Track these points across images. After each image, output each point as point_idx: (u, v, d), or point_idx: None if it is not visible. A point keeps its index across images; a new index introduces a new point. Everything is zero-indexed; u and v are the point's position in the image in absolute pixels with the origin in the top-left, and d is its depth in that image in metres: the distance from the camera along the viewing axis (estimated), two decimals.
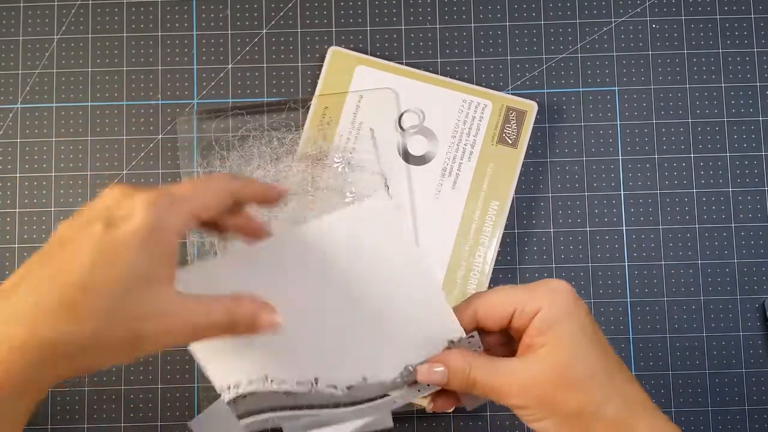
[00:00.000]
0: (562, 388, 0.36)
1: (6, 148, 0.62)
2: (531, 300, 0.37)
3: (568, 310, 0.37)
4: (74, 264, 0.33)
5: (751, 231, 0.61)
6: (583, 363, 0.36)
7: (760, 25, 0.63)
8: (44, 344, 0.32)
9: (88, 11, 0.64)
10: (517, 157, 0.61)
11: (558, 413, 0.36)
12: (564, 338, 0.36)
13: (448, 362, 0.39)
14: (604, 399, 0.36)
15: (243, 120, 0.61)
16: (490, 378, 0.37)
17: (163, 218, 0.34)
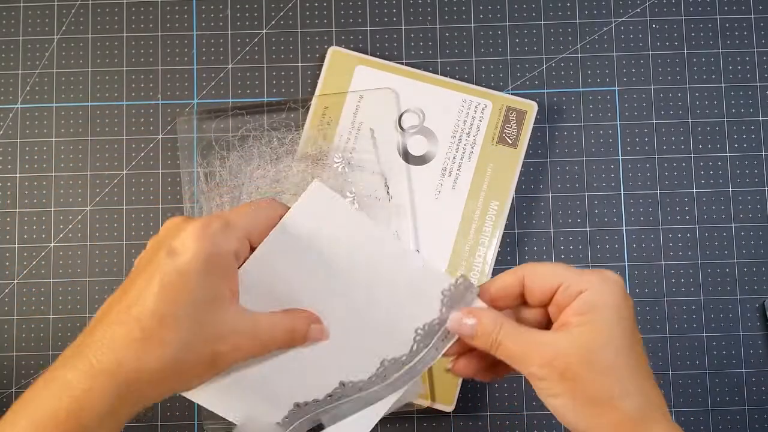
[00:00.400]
0: (587, 368, 0.35)
1: (6, 148, 0.62)
2: (579, 280, 0.37)
3: (613, 300, 0.36)
4: (147, 295, 0.35)
5: (751, 231, 0.61)
6: (613, 351, 0.36)
7: (760, 25, 0.63)
8: (129, 373, 0.34)
9: (88, 11, 0.64)
10: (517, 157, 0.61)
11: (576, 392, 0.36)
12: (601, 323, 0.36)
13: (480, 317, 0.39)
14: (624, 393, 0.36)
15: (243, 120, 0.61)
16: (517, 343, 0.37)
17: (217, 242, 0.36)
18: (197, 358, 0.36)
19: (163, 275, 0.35)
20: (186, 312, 0.35)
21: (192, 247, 0.36)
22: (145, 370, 0.35)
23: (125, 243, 0.61)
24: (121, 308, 0.36)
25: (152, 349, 0.35)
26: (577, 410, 0.36)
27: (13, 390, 0.60)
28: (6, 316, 0.61)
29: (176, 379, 0.36)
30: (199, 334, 0.36)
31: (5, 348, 0.61)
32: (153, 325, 0.35)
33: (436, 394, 0.59)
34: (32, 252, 0.61)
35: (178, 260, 0.36)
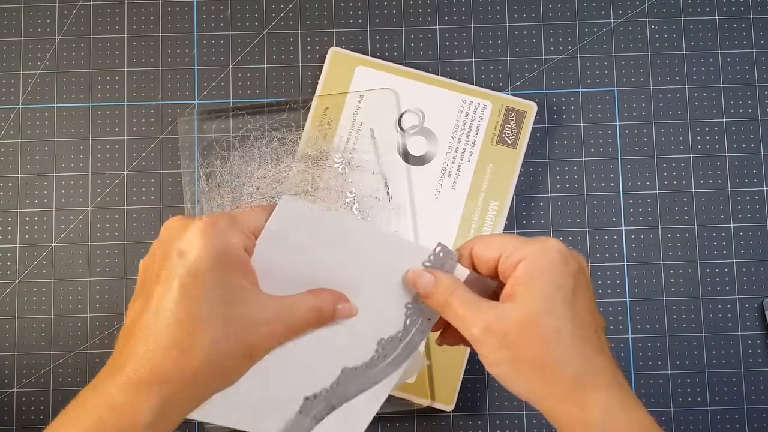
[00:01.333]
0: (525, 334, 0.36)
1: (7, 148, 0.62)
2: (519, 250, 0.38)
3: (550, 267, 0.37)
4: (168, 303, 0.35)
5: (750, 231, 0.62)
6: (551, 318, 0.36)
7: (760, 26, 0.63)
8: (169, 382, 0.35)
9: (89, 12, 0.64)
10: (517, 157, 0.61)
11: (514, 359, 0.36)
12: (538, 291, 0.37)
13: (438, 277, 0.41)
14: (563, 359, 0.36)
15: (243, 120, 0.61)
16: (464, 306, 0.39)
17: (226, 238, 0.37)
18: (232, 354, 0.36)
19: (179, 280, 0.35)
20: (211, 311, 0.35)
21: (199, 245, 0.36)
22: (184, 376, 0.35)
23: (126, 243, 0.61)
24: (149, 319, 0.36)
25: (187, 355, 0.35)
26: (517, 376, 0.37)
27: (15, 390, 0.60)
28: (7, 316, 0.61)
29: (216, 379, 0.37)
30: (229, 330, 0.36)
31: (6, 348, 0.61)
32: (182, 332, 0.35)
33: (436, 393, 0.59)
34: (33, 252, 0.62)
35: (189, 261, 0.35)
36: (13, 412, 0.60)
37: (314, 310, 0.40)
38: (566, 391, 0.36)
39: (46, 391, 0.60)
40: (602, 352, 0.37)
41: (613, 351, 0.38)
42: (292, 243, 0.41)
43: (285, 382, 0.42)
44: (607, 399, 0.36)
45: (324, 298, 0.41)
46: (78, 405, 0.36)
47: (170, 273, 0.36)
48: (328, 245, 0.42)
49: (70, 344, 0.61)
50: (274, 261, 0.41)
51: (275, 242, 0.41)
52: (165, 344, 0.35)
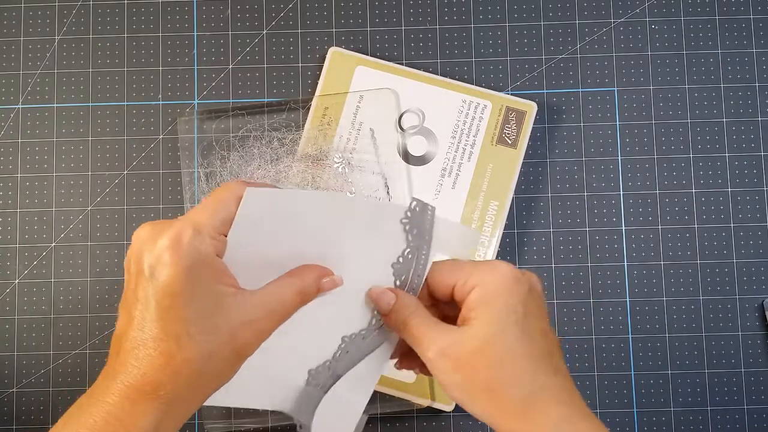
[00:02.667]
0: (478, 358, 0.37)
1: (7, 148, 0.62)
2: (471, 276, 0.39)
3: (502, 292, 0.38)
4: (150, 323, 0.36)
5: (751, 231, 0.62)
6: (501, 342, 0.37)
7: (760, 26, 0.63)
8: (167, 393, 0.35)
9: (89, 12, 0.64)
10: (517, 157, 0.61)
11: (468, 382, 0.37)
12: (490, 316, 0.38)
13: (399, 297, 0.41)
14: (513, 380, 0.37)
15: (243, 120, 0.61)
16: (420, 328, 0.39)
17: (195, 250, 0.36)
18: (222, 359, 0.37)
19: (156, 301, 0.36)
20: (193, 326, 0.36)
21: (170, 263, 0.36)
22: (177, 386, 0.36)
23: (126, 243, 0.61)
24: (134, 333, 0.36)
25: (176, 367, 0.35)
26: (470, 399, 0.38)
27: (14, 390, 0.60)
28: (7, 316, 0.61)
29: (211, 383, 0.37)
30: (214, 339, 0.36)
31: (6, 348, 0.61)
32: (170, 348, 0.35)
33: (436, 393, 0.59)
34: (33, 252, 0.62)
35: (162, 281, 0.36)
36: (13, 412, 0.60)
37: (298, 293, 0.40)
38: (517, 412, 0.37)
39: (46, 391, 0.60)
40: (555, 373, 0.38)
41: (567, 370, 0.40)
42: (266, 230, 0.41)
43: (288, 358, 0.42)
44: (557, 415, 0.37)
45: (306, 277, 0.41)
46: (75, 414, 0.36)
47: (146, 293, 0.36)
48: (304, 224, 0.41)
49: (70, 344, 0.61)
50: (250, 251, 0.40)
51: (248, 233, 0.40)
52: (153, 356, 0.35)
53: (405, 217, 0.42)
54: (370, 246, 0.43)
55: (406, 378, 0.59)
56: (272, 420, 0.59)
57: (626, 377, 0.60)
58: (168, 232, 0.36)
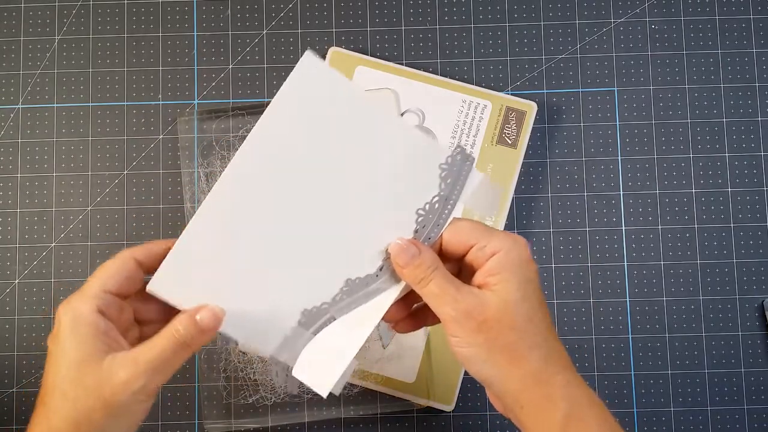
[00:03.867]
0: (502, 321, 0.39)
1: (7, 148, 0.62)
2: (492, 242, 0.40)
3: (522, 262, 0.40)
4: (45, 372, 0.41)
5: (751, 231, 0.62)
6: (525, 308, 0.39)
7: (760, 26, 0.63)
8: None
9: (89, 12, 0.64)
10: (517, 157, 0.61)
11: (490, 343, 0.39)
12: (514, 283, 0.40)
13: (423, 252, 0.41)
14: (533, 345, 0.39)
15: (243, 120, 0.61)
16: (443, 287, 0.40)
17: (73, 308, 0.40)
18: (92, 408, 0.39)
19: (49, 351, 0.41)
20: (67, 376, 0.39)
21: (59, 321, 0.40)
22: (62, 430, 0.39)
23: (126, 243, 0.61)
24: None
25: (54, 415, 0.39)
26: (489, 360, 0.39)
27: (14, 390, 0.60)
28: (7, 316, 0.61)
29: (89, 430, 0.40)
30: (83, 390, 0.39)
31: (6, 348, 0.61)
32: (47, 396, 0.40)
33: (436, 393, 0.59)
34: (33, 252, 0.62)
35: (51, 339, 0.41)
36: (13, 412, 0.60)
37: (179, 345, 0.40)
38: (534, 373, 0.39)
39: None
40: (557, 339, 0.41)
41: None
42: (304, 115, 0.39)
43: (283, 295, 0.41)
44: (566, 377, 0.39)
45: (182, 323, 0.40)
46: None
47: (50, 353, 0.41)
48: (343, 127, 0.40)
49: None
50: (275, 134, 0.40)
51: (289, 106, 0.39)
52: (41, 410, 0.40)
53: (445, 163, 0.41)
54: (400, 186, 0.41)
55: (406, 378, 0.59)
56: (272, 420, 0.59)
57: (626, 377, 0.60)
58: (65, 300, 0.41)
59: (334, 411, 0.60)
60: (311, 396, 0.59)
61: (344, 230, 0.41)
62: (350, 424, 0.60)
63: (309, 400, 0.60)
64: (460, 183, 0.42)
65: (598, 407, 0.39)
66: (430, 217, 0.42)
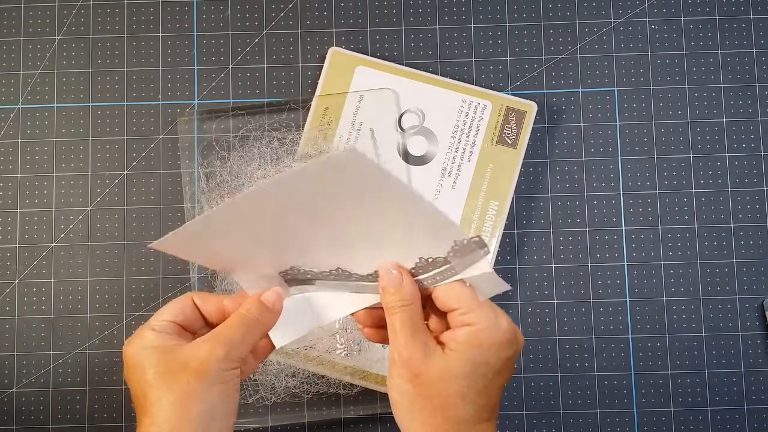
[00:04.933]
0: (434, 385, 0.39)
1: (7, 148, 0.62)
2: (472, 313, 0.41)
3: (489, 345, 0.40)
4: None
5: (750, 231, 0.62)
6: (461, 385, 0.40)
7: (759, 26, 0.63)
8: None
9: (89, 12, 0.64)
10: (517, 157, 0.61)
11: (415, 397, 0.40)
12: (465, 359, 0.40)
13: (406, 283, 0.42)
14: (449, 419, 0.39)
15: (243, 120, 0.61)
16: (405, 327, 0.41)
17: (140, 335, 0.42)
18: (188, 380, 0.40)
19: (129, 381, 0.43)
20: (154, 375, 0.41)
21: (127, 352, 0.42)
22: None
23: (126, 243, 0.61)
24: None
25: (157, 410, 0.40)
26: (409, 412, 0.40)
27: (15, 390, 0.60)
28: (7, 316, 0.61)
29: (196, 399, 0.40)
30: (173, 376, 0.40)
31: (6, 348, 0.61)
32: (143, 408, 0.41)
33: None
34: (33, 252, 0.62)
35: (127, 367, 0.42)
36: (13, 412, 0.60)
37: (242, 316, 0.42)
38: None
39: (46, 391, 0.60)
40: (489, 426, 0.41)
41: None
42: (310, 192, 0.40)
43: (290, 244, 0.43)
44: None
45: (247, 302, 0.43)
46: None
47: None
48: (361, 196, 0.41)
49: (69, 344, 0.61)
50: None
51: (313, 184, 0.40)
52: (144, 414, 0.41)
53: (460, 241, 0.41)
54: (414, 234, 0.42)
55: None
56: (272, 420, 0.59)
57: (626, 377, 0.60)
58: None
59: (334, 411, 0.60)
60: (311, 396, 0.59)
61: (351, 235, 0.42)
62: (350, 424, 0.60)
63: (309, 400, 0.60)
64: (467, 262, 0.42)
65: None
66: (429, 269, 0.42)
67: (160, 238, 0.41)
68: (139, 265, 0.61)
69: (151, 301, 0.61)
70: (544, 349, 0.61)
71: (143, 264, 0.61)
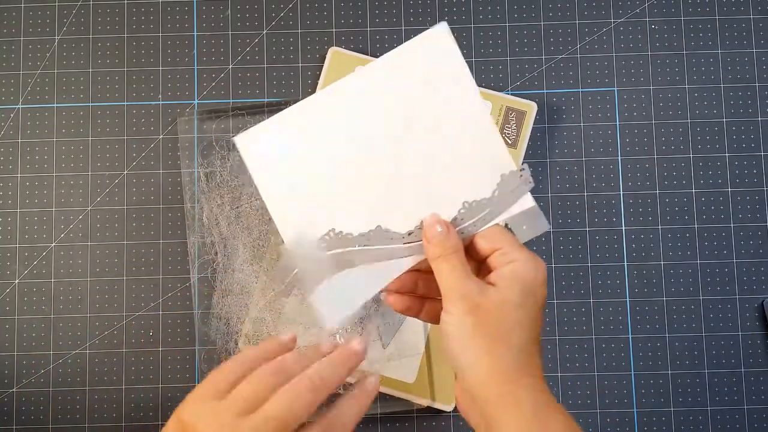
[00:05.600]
0: (492, 314, 0.41)
1: (7, 148, 0.63)
2: (514, 252, 0.42)
3: (534, 280, 0.42)
4: None
5: (750, 231, 0.62)
6: (518, 313, 0.41)
7: (759, 26, 0.63)
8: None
9: (89, 12, 0.64)
10: (517, 157, 0.61)
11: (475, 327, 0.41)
12: (516, 290, 0.41)
13: (451, 233, 0.43)
14: (512, 345, 0.41)
15: (243, 120, 0.61)
16: (455, 269, 0.42)
17: None
18: None
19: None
20: None
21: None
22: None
23: (126, 243, 0.61)
24: None
25: None
26: (469, 343, 0.41)
27: (15, 390, 0.60)
28: (7, 316, 0.61)
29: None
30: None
31: (6, 348, 0.61)
32: None
33: (436, 393, 0.59)
34: (33, 252, 0.62)
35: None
36: (13, 412, 0.60)
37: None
38: (504, 370, 0.40)
39: (46, 391, 0.60)
40: (539, 355, 0.42)
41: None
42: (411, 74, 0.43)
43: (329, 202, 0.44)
44: (532, 383, 0.41)
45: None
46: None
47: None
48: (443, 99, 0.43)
49: (69, 344, 0.61)
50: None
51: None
52: None
53: (507, 174, 0.43)
54: (461, 173, 0.44)
55: (406, 378, 0.59)
56: None
57: (626, 377, 0.60)
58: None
59: None
60: None
61: (393, 181, 0.44)
62: None
63: None
64: (511, 200, 0.44)
65: (563, 414, 0.41)
66: (471, 215, 0.44)
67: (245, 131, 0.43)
68: (139, 265, 0.61)
69: (151, 301, 0.61)
70: (544, 349, 0.61)
71: (143, 264, 0.61)
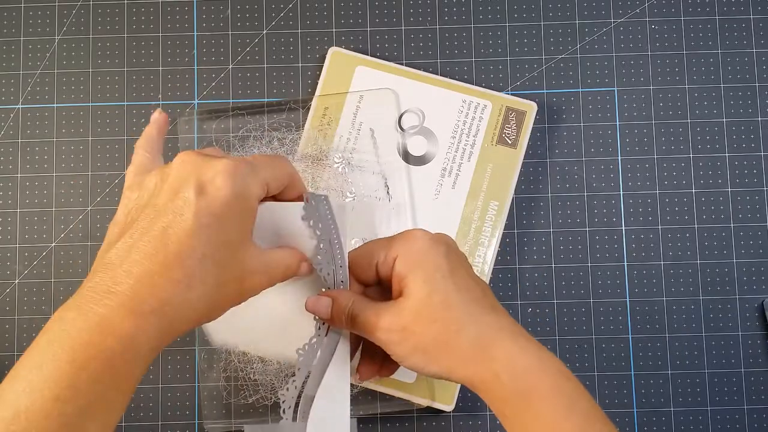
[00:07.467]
0: (420, 320, 0.39)
1: (7, 148, 0.62)
2: (390, 249, 0.41)
3: (423, 254, 0.40)
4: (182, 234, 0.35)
5: (751, 231, 0.62)
6: (437, 298, 0.39)
7: (759, 26, 0.63)
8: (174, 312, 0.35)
9: (89, 12, 0.64)
10: (517, 157, 0.61)
11: (420, 345, 0.39)
12: (419, 279, 0.39)
13: (335, 297, 0.42)
14: (459, 328, 0.39)
15: (243, 120, 0.61)
16: (365, 314, 0.41)
17: (246, 184, 0.37)
18: (229, 294, 0.37)
19: (196, 214, 0.35)
20: (221, 253, 0.36)
21: (225, 187, 0.36)
22: (188, 308, 0.35)
23: None
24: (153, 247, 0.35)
25: (193, 289, 0.35)
26: (427, 360, 0.39)
27: None
28: (7, 316, 0.61)
29: (211, 313, 0.37)
30: (231, 273, 0.37)
31: (6, 348, 0.61)
32: (193, 265, 0.35)
33: (436, 393, 0.59)
34: (33, 252, 0.62)
35: (212, 200, 0.36)
36: None
37: (287, 267, 0.41)
38: (471, 355, 0.38)
39: None
40: (494, 310, 0.40)
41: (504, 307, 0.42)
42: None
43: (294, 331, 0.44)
44: (508, 349, 0.38)
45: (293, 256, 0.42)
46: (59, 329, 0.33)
47: (187, 207, 0.36)
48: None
49: None
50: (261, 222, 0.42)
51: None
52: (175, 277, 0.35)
53: (303, 214, 0.42)
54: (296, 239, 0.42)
55: (406, 378, 0.59)
56: (272, 420, 0.59)
57: (626, 377, 0.60)
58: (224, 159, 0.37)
59: None
60: None
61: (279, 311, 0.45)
62: None
63: None
64: (331, 221, 0.42)
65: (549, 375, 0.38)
66: (327, 262, 0.42)
67: None
68: None
69: None
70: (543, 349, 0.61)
71: None
